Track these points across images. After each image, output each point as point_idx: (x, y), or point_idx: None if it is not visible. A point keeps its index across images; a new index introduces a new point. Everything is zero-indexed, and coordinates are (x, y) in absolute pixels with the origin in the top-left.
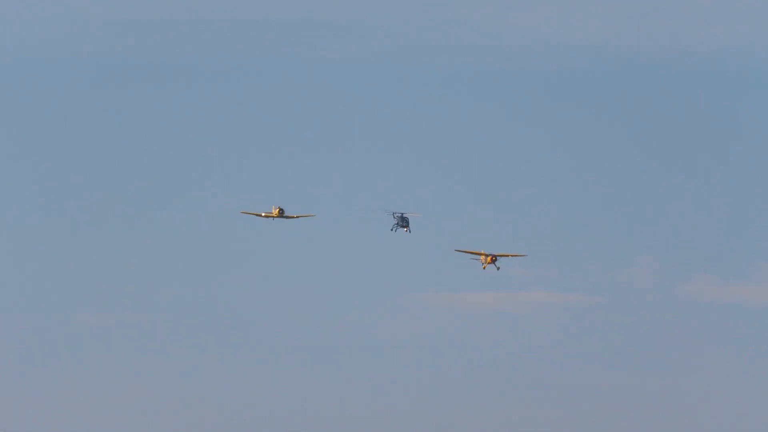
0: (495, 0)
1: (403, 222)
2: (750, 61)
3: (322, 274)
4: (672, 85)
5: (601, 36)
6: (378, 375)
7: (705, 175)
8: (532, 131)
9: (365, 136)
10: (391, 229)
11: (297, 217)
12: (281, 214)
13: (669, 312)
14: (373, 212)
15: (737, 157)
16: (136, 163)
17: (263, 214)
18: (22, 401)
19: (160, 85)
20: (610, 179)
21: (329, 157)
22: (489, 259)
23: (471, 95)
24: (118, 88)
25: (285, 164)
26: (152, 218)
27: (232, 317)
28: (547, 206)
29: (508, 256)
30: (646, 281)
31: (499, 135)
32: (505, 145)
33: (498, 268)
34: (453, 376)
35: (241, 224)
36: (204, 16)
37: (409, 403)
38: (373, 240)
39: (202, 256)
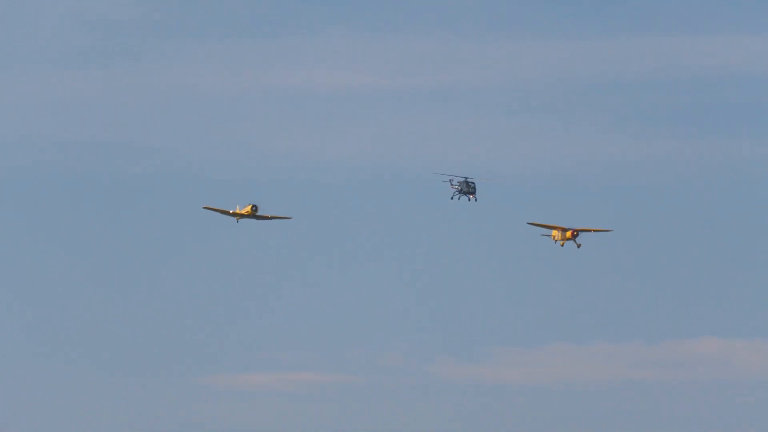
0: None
1: (469, 188)
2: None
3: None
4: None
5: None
6: None
7: (444, 266)
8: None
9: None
10: (452, 198)
11: (272, 218)
12: (254, 212)
13: (418, 389)
14: (433, 175)
15: (469, 253)
16: None
17: (231, 212)
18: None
19: None
20: (367, 268)
21: None
22: (569, 234)
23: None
24: None
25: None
26: None
27: None
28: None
29: (590, 231)
30: (398, 362)
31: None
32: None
33: (579, 246)
34: None
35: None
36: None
37: None
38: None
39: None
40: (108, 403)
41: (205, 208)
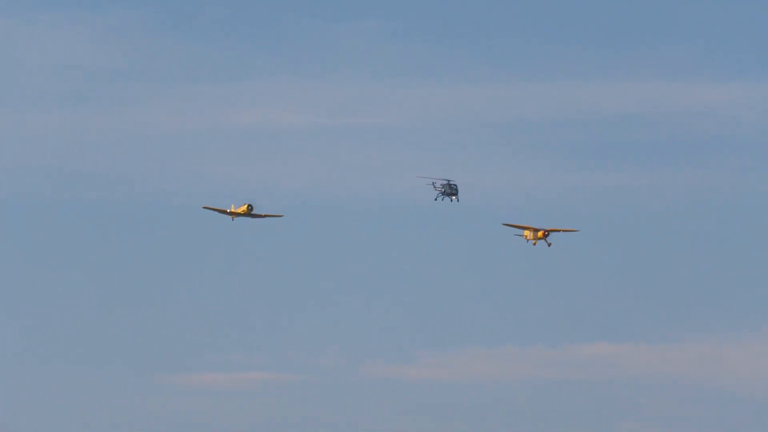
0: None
1: (451, 189)
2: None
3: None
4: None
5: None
6: None
7: (372, 273)
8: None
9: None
10: (435, 200)
11: (265, 216)
12: (250, 211)
13: (353, 388)
14: (416, 178)
15: (397, 264)
16: None
17: (228, 211)
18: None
19: None
20: (299, 279)
21: None
22: (540, 234)
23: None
24: None
25: None
26: None
27: None
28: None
29: (560, 231)
30: (334, 363)
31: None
32: None
33: (549, 245)
34: None
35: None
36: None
37: None
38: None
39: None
40: (63, 400)
41: (204, 207)
